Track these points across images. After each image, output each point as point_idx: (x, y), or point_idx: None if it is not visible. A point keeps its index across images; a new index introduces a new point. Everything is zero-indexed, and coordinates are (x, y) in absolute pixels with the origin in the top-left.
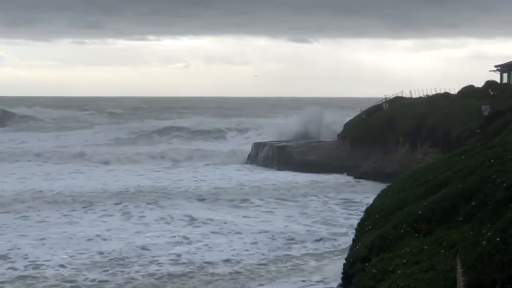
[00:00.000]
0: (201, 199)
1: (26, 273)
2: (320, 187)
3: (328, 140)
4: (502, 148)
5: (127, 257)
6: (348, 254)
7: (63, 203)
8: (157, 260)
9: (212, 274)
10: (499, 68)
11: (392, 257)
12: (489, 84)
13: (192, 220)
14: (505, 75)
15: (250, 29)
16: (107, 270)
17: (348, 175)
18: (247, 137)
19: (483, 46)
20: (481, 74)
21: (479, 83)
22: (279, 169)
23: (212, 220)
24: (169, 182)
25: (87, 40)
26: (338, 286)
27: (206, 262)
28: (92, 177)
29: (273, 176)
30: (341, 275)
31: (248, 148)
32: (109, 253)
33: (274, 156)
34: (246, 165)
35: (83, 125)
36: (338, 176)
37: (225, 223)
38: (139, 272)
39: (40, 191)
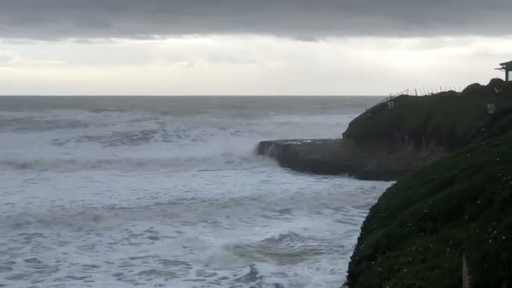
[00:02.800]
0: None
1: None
2: (325, 186)
3: (333, 139)
4: (508, 146)
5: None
6: (353, 252)
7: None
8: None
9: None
10: (504, 66)
11: (398, 255)
12: (495, 82)
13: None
14: (510, 73)
15: (255, 28)
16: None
17: (353, 174)
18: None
19: (489, 44)
20: (486, 72)
21: (484, 81)
22: (282, 166)
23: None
24: (181, 187)
25: (92, 39)
26: (343, 285)
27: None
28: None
29: (277, 178)
30: (347, 274)
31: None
32: (168, 259)
33: (280, 154)
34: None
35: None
36: (343, 175)
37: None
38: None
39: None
